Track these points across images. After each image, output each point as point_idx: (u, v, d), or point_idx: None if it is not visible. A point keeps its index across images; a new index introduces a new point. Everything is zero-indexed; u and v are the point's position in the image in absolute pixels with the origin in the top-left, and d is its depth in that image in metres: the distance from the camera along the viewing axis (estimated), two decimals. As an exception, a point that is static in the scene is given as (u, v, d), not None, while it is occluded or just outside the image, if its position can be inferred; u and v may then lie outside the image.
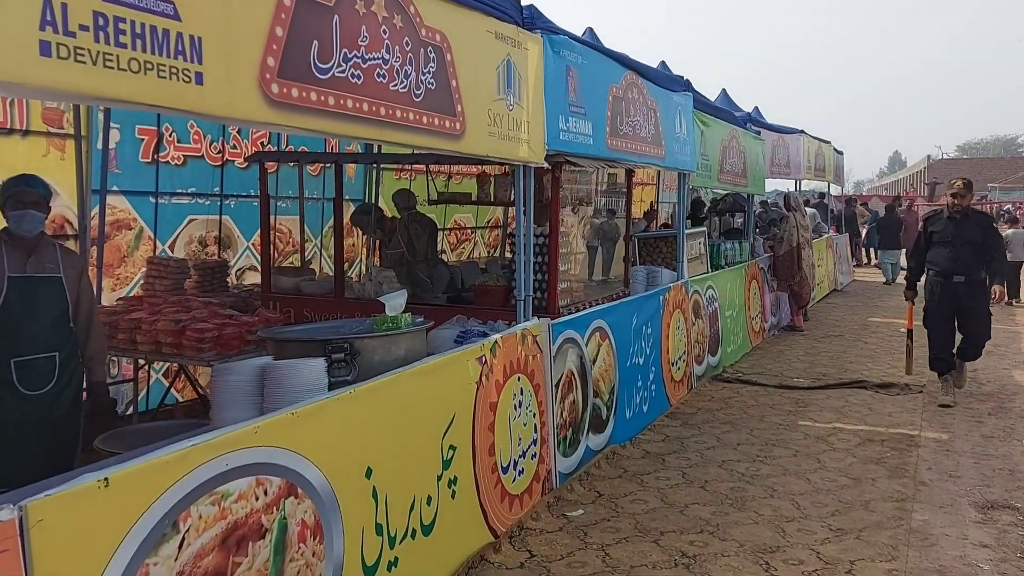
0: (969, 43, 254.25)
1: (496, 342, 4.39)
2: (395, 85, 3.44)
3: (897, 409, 7.06)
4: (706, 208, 12.23)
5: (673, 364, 7.17)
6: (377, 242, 7.49)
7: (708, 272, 8.71)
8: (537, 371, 4.86)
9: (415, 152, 5.53)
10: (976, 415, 6.86)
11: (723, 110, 8.75)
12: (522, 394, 4.66)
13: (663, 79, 6.89)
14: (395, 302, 3.96)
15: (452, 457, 3.89)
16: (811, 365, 8.97)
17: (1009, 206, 32.35)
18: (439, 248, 7.95)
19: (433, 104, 3.72)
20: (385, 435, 3.42)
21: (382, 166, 8.88)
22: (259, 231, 6.77)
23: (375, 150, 8.00)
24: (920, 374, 8.47)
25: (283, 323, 5.29)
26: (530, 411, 4.75)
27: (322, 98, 3.00)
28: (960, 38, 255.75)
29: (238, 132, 7.43)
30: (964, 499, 4.92)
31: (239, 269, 7.59)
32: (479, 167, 6.40)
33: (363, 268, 8.69)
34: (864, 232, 21.83)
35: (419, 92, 3.61)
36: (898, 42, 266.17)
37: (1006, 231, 17.29)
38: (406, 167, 9.38)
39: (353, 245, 8.55)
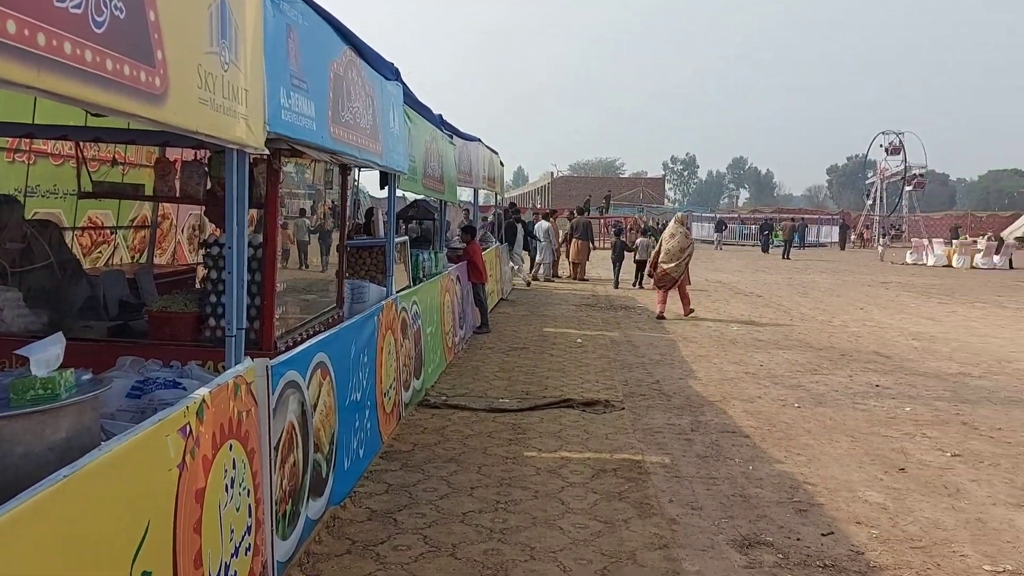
0: (575, 73, 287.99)
1: (204, 401, 3.05)
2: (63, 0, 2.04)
3: (611, 430, 6.85)
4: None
5: (385, 394, 6.19)
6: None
7: (411, 285, 7.86)
8: (252, 432, 3.57)
9: (64, 124, 3.87)
10: (681, 432, 6.88)
11: (425, 107, 7.96)
12: (234, 467, 3.36)
13: (377, 62, 5.88)
14: (46, 354, 2.47)
15: (146, 591, 2.52)
16: (510, 383, 8.59)
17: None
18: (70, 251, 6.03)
19: (122, 42, 2.34)
20: (41, 595, 1.99)
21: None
22: None
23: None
24: (614, 388, 8.54)
25: None
26: (244, 489, 3.46)
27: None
28: (568, 67, 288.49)
29: None
30: (720, 537, 4.66)
31: None
32: (153, 151, 4.81)
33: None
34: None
35: (101, 19, 2.22)
36: (517, 68, 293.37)
37: (637, 239, 19.33)
38: (23, 148, 7.19)
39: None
